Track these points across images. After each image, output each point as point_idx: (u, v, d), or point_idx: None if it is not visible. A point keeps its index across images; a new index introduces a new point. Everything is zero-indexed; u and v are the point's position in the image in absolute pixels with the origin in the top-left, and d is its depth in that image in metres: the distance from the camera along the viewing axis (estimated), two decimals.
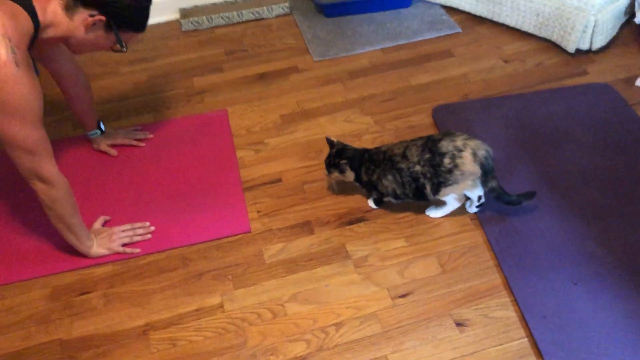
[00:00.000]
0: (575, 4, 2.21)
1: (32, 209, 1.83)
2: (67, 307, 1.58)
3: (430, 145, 1.59)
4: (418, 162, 1.60)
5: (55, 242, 1.72)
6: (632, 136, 1.92)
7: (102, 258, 1.69)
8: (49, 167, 1.46)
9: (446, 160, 1.57)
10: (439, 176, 1.59)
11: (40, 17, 1.44)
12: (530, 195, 1.65)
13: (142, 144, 2.05)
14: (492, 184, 1.60)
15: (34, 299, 1.61)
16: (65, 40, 1.53)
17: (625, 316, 1.44)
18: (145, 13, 1.58)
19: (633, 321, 1.43)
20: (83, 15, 1.47)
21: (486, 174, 1.58)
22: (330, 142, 1.77)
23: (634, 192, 1.74)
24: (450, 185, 1.60)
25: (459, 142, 1.57)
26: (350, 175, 1.73)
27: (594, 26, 2.21)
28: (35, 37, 1.45)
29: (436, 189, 1.62)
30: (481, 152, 1.56)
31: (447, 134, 1.61)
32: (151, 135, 2.08)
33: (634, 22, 2.24)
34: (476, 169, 1.57)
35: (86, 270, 1.67)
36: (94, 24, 1.49)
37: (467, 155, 1.56)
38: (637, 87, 2.13)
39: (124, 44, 1.57)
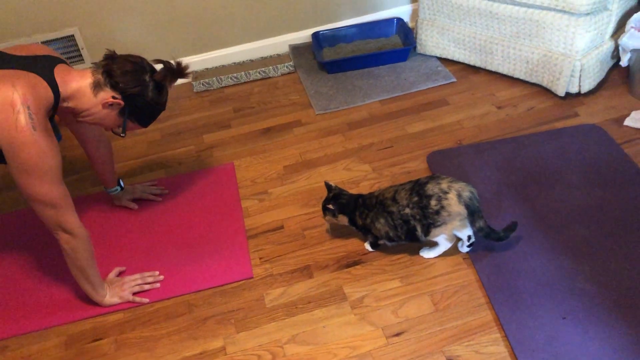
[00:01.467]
0: (561, 51, 2.32)
1: (48, 262, 1.95)
2: (80, 353, 1.67)
3: (417, 188, 1.68)
4: (407, 205, 1.68)
5: (70, 292, 1.83)
6: (621, 174, 1.97)
7: (114, 307, 1.78)
8: (71, 219, 1.59)
9: (433, 202, 1.65)
10: (428, 218, 1.67)
11: (61, 89, 1.60)
12: (513, 226, 1.72)
13: (159, 199, 2.17)
14: (480, 223, 1.67)
15: (50, 347, 1.70)
16: (74, 112, 1.68)
17: (613, 349, 1.46)
18: (156, 114, 1.77)
19: (622, 355, 1.45)
20: (107, 95, 1.65)
21: (472, 214, 1.65)
22: (329, 187, 1.87)
23: (622, 229, 1.78)
24: (439, 226, 1.67)
25: (444, 185, 1.65)
26: (343, 219, 1.81)
27: (581, 70, 2.30)
28: (56, 106, 1.60)
29: (426, 230, 1.69)
30: (466, 194, 1.64)
31: (433, 177, 1.69)
32: (167, 191, 2.20)
33: (621, 66, 2.32)
34: (462, 210, 1.64)
35: (99, 318, 1.77)
36: (112, 104, 1.66)
37: (453, 197, 1.64)
38: (626, 126, 2.20)
39: (125, 132, 1.73)
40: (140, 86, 1.66)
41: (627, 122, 2.21)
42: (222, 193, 2.18)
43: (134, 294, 1.80)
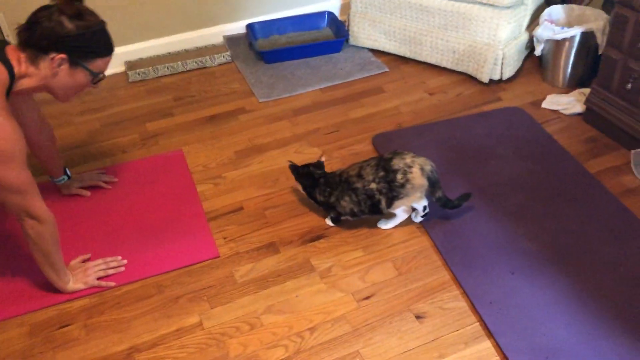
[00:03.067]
0: (485, 41, 2.55)
1: (5, 253, 1.86)
2: (47, 341, 1.62)
3: (383, 164, 1.80)
4: (373, 180, 1.80)
5: (27, 281, 1.77)
6: (545, 148, 2.22)
7: (77, 293, 1.74)
8: (38, 204, 1.53)
9: (399, 176, 1.77)
10: (393, 190, 1.79)
11: (16, 69, 1.53)
12: (466, 196, 1.89)
13: (109, 186, 2.12)
14: (439, 193, 1.82)
15: (12, 337, 1.64)
16: (46, 90, 1.61)
17: (556, 296, 1.67)
18: (100, 36, 1.58)
19: (563, 299, 1.66)
20: (46, 62, 1.53)
21: (433, 186, 1.80)
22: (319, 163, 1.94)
23: (550, 194, 2.01)
24: (402, 198, 1.80)
25: (408, 160, 1.78)
26: (297, 186, 1.96)
27: (503, 59, 2.54)
28: (11, 87, 1.54)
29: (390, 203, 1.82)
30: (427, 167, 1.78)
31: (397, 153, 1.82)
32: (116, 179, 2.16)
33: (534, 55, 2.59)
34: (424, 182, 1.78)
35: (62, 305, 1.72)
36: (59, 64, 1.54)
37: (416, 170, 1.77)
38: (543, 108, 2.46)
39: (97, 75, 1.61)
40: (58, 28, 1.50)
41: (545, 104, 2.48)
42: (174, 179, 2.18)
43: (99, 278, 1.77)
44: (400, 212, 1.87)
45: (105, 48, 1.61)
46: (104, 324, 1.66)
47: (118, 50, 1.69)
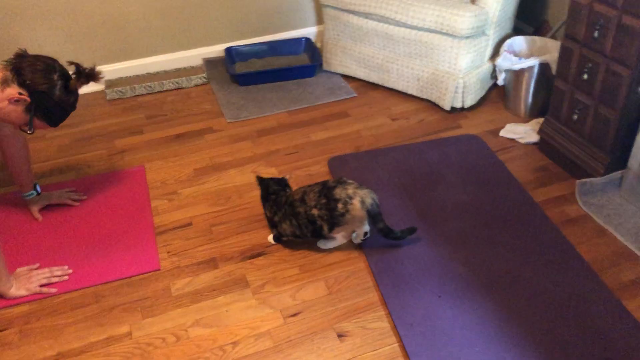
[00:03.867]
0: (446, 69, 2.60)
1: None
2: None
3: (325, 191, 1.83)
4: (315, 206, 1.84)
5: None
6: (493, 176, 2.25)
7: (20, 299, 1.81)
8: None
9: (339, 205, 1.81)
10: (334, 218, 1.83)
11: None
12: (411, 230, 1.91)
13: (77, 204, 2.20)
14: (380, 225, 1.84)
15: None
16: None
17: (478, 321, 1.69)
18: (65, 115, 1.81)
19: (484, 325, 1.67)
20: (13, 91, 1.68)
21: (373, 217, 1.82)
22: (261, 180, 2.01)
23: (493, 220, 2.04)
24: (342, 225, 1.85)
25: (350, 191, 1.81)
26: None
27: (463, 87, 2.59)
28: None
29: (330, 229, 1.86)
30: (368, 200, 1.80)
31: (340, 182, 1.85)
32: (85, 197, 2.23)
33: (499, 85, 2.64)
34: (363, 214, 1.81)
35: (3, 310, 1.79)
36: (17, 100, 1.70)
37: (357, 202, 1.80)
38: (501, 136, 2.50)
39: (32, 129, 1.77)
40: (48, 84, 1.71)
41: (502, 133, 2.51)
42: (131, 193, 2.25)
43: (42, 286, 1.83)
44: (340, 237, 1.92)
45: (56, 122, 1.81)
46: (37, 330, 1.73)
47: (99, 69, 1.83)
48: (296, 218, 1.87)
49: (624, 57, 1.86)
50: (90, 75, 1.82)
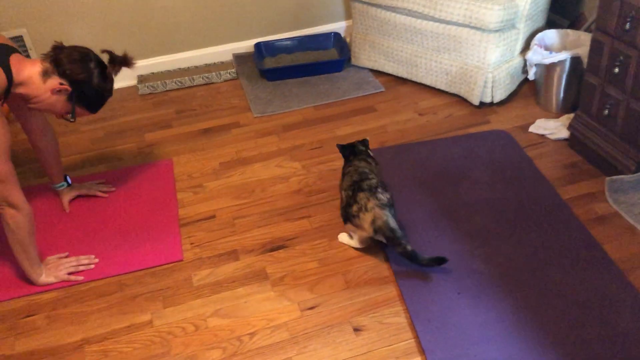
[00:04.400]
0: (475, 63, 2.56)
1: None
2: (11, 328, 1.77)
3: (355, 187, 1.87)
4: (345, 189, 1.90)
5: (6, 272, 1.92)
6: (521, 173, 2.20)
7: (49, 286, 1.88)
8: (18, 194, 1.70)
9: (354, 207, 1.83)
10: (347, 213, 1.86)
11: (15, 76, 1.71)
12: (440, 260, 1.76)
13: (106, 195, 2.27)
14: (398, 249, 1.76)
15: None
16: (30, 99, 1.78)
17: (497, 319, 1.66)
18: (103, 101, 1.90)
19: (503, 323, 1.65)
20: (55, 82, 1.76)
21: (387, 240, 1.78)
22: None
23: (517, 218, 2.00)
24: (353, 224, 1.86)
25: (370, 204, 1.80)
26: None
27: (493, 82, 2.54)
28: (8, 91, 1.72)
29: (344, 219, 1.87)
30: (379, 223, 1.77)
31: (372, 188, 1.83)
32: (114, 188, 2.29)
33: (531, 79, 2.58)
34: (370, 232, 1.81)
35: (33, 296, 1.87)
36: (60, 90, 1.78)
37: (368, 217, 1.80)
38: (530, 132, 2.45)
39: (75, 117, 1.85)
40: (86, 73, 1.79)
41: (532, 128, 2.46)
42: (159, 186, 2.31)
43: (69, 273, 1.90)
44: (353, 237, 1.92)
45: (95, 109, 1.90)
46: (64, 316, 1.79)
47: (131, 55, 1.91)
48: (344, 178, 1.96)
49: None
50: (124, 61, 1.89)
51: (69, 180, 2.24)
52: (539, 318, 1.65)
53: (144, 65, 3.06)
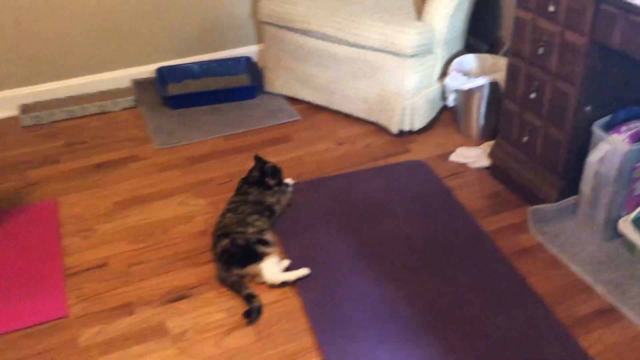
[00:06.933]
0: (393, 90, 2.59)
1: None
2: None
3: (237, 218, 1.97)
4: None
5: None
6: (441, 205, 2.22)
7: None
8: None
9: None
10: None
11: None
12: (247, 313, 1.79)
13: None
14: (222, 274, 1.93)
15: None
16: None
17: None
18: None
19: None
20: None
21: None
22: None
23: (439, 254, 2.00)
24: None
25: (223, 243, 1.95)
26: None
27: (411, 109, 2.58)
28: None
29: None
30: (223, 243, 1.94)
31: (240, 220, 2.01)
32: None
33: (450, 106, 2.64)
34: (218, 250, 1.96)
35: None
36: None
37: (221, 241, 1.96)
38: (451, 161, 2.48)
39: None
40: None
41: (453, 157, 2.50)
42: (40, 231, 2.14)
43: None
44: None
45: None
46: None
47: (11, 92, 1.74)
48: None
49: (569, 74, 1.87)
50: None
51: None
52: None
53: (28, 92, 2.88)
